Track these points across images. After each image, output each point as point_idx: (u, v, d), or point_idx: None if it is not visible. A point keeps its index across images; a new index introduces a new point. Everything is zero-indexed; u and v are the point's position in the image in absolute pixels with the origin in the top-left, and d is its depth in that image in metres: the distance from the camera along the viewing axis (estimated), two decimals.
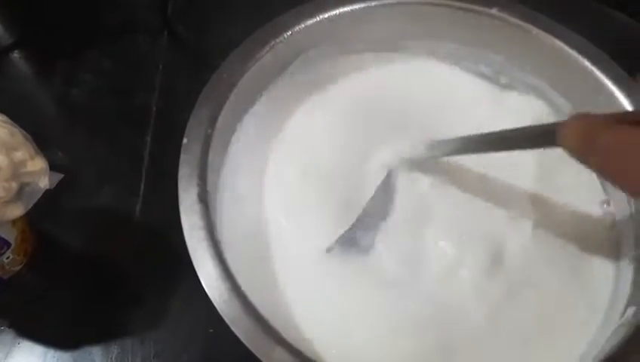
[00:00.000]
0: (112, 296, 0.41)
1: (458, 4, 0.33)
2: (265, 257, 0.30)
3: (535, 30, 0.32)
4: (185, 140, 0.28)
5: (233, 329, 0.24)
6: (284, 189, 0.34)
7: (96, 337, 0.40)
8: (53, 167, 0.36)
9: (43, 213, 0.40)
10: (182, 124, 0.35)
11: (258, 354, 0.23)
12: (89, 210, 0.45)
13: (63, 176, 0.35)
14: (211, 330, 0.38)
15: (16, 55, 0.53)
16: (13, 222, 0.37)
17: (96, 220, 0.45)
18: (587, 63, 0.31)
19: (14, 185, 0.32)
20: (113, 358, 0.39)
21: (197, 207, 0.26)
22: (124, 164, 0.47)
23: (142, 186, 0.46)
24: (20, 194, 0.33)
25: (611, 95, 0.30)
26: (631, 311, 0.26)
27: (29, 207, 0.33)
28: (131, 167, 0.46)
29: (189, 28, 0.55)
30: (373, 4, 0.33)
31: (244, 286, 0.25)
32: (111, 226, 0.44)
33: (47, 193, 0.35)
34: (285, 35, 0.32)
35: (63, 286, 0.42)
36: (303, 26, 0.32)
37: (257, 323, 0.24)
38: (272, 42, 0.32)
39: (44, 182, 0.33)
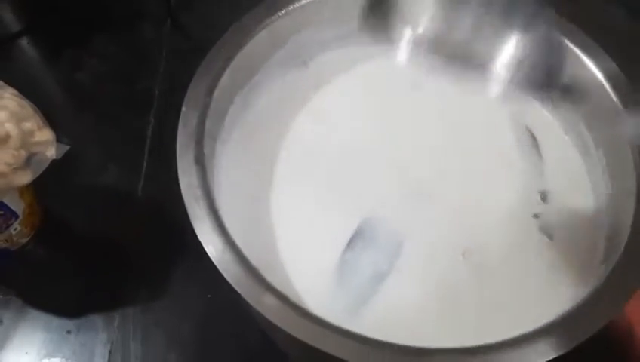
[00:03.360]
0: (114, 269, 0.43)
1: None
2: (261, 217, 0.32)
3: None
4: (184, 108, 0.30)
5: (226, 276, 0.25)
6: (284, 163, 0.35)
7: (98, 307, 0.41)
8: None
9: (50, 191, 0.42)
10: None
11: (248, 299, 0.24)
12: (93, 187, 0.47)
13: (69, 147, 0.37)
14: (209, 296, 0.40)
15: (24, 41, 0.55)
16: (21, 194, 0.39)
17: (100, 197, 0.46)
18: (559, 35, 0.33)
19: (23, 154, 0.34)
20: (115, 326, 0.41)
21: (194, 169, 0.28)
22: (128, 144, 0.49)
23: (144, 165, 0.48)
24: (28, 162, 0.35)
25: (581, 64, 0.33)
26: (602, 269, 0.28)
27: (37, 174, 0.35)
28: (134, 148, 0.48)
29: (191, 17, 0.57)
30: None
31: (238, 240, 0.26)
32: (114, 203, 0.46)
33: (54, 171, 0.37)
34: (280, 13, 0.34)
35: (67, 259, 0.44)
36: (298, 5, 0.34)
37: (248, 271, 0.25)
38: (268, 20, 0.33)
39: (51, 152, 0.35)
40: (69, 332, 0.40)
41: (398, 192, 0.34)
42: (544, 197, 0.34)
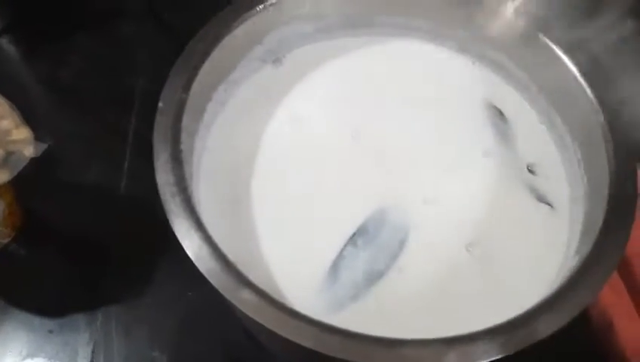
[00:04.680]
0: (96, 268, 0.43)
1: None
2: (242, 213, 0.32)
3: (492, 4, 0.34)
4: (160, 104, 0.30)
5: (202, 271, 0.25)
6: (264, 159, 0.35)
7: (81, 306, 0.41)
8: None
9: (30, 190, 0.42)
10: None
11: (225, 293, 0.24)
12: (75, 186, 0.47)
13: (47, 145, 0.36)
14: (190, 293, 0.40)
15: (5, 39, 0.54)
16: (0, 194, 0.39)
17: (83, 196, 0.46)
18: (538, 33, 0.33)
19: (0, 152, 0.33)
20: (98, 324, 0.41)
21: (170, 165, 0.28)
22: (110, 142, 0.49)
23: (126, 164, 0.47)
24: (5, 161, 0.34)
25: (559, 61, 0.33)
26: (576, 258, 0.28)
27: (15, 173, 0.35)
28: (116, 146, 0.48)
29: (173, 13, 0.56)
30: None
31: (218, 236, 0.27)
32: (97, 201, 0.46)
33: (35, 170, 0.37)
34: (258, 8, 0.34)
35: (50, 259, 0.44)
36: (275, 0, 0.34)
37: (225, 266, 0.25)
38: (245, 15, 0.33)
39: (29, 151, 0.35)
40: (51, 331, 0.40)
41: (394, 191, 0.34)
42: (532, 170, 0.35)
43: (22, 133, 0.34)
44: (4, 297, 0.42)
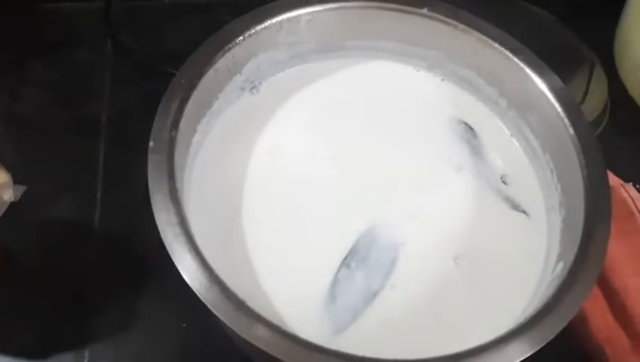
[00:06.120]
0: (78, 305, 0.42)
1: (393, 5, 0.37)
2: (237, 248, 0.33)
3: (460, 26, 0.36)
4: (151, 143, 0.30)
5: (215, 312, 0.25)
6: (250, 188, 0.36)
7: (66, 345, 0.40)
8: None
9: (2, 229, 0.41)
10: (133, 130, 0.36)
11: (240, 332, 0.25)
12: (48, 222, 0.45)
13: (26, 188, 0.36)
14: (184, 325, 0.40)
15: None
16: None
17: (56, 232, 0.45)
18: (508, 53, 0.35)
19: None
20: None
21: (170, 205, 0.28)
22: (80, 174, 0.47)
23: (99, 195, 0.47)
24: None
25: (528, 79, 0.35)
26: (560, 265, 0.30)
27: None
28: (87, 178, 0.47)
29: (133, 36, 0.55)
30: (317, 8, 0.36)
31: (219, 272, 0.27)
32: (71, 237, 0.45)
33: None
34: (238, 40, 0.34)
35: (28, 299, 0.42)
36: (253, 31, 0.35)
37: (238, 306, 0.26)
38: (226, 47, 0.34)
39: (8, 195, 0.34)
40: None
41: (379, 211, 0.35)
42: (505, 181, 0.37)
43: (0, 178, 0.33)
44: None
